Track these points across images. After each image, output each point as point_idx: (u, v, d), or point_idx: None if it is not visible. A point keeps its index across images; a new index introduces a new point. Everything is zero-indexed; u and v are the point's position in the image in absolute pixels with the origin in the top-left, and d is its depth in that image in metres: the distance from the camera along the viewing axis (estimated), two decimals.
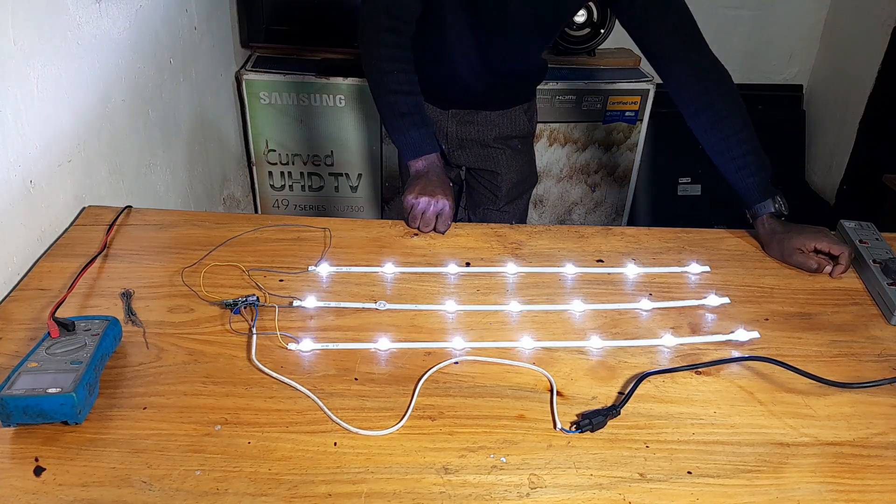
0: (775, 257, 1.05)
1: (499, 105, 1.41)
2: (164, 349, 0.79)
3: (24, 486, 0.61)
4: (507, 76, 1.35)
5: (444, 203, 1.07)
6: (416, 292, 0.92)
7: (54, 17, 1.00)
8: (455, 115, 1.42)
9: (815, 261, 1.00)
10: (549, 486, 0.64)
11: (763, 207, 1.07)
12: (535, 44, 1.30)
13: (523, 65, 1.36)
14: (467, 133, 1.44)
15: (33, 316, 0.83)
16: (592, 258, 1.02)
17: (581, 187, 2.38)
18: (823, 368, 0.80)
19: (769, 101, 2.70)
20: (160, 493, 0.61)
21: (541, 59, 1.40)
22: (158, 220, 1.06)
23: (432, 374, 0.77)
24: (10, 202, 0.89)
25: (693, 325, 0.88)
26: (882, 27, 2.34)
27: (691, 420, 0.73)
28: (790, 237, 1.03)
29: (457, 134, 1.44)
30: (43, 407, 0.65)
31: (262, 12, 2.06)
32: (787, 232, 1.04)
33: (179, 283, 0.90)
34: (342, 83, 2.05)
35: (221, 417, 0.70)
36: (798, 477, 0.66)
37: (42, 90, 0.96)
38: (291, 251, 0.99)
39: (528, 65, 1.38)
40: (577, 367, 0.80)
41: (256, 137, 2.14)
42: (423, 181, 1.11)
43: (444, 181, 1.12)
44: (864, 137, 2.47)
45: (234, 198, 2.07)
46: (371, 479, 0.64)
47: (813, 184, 2.74)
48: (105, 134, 1.16)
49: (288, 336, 0.81)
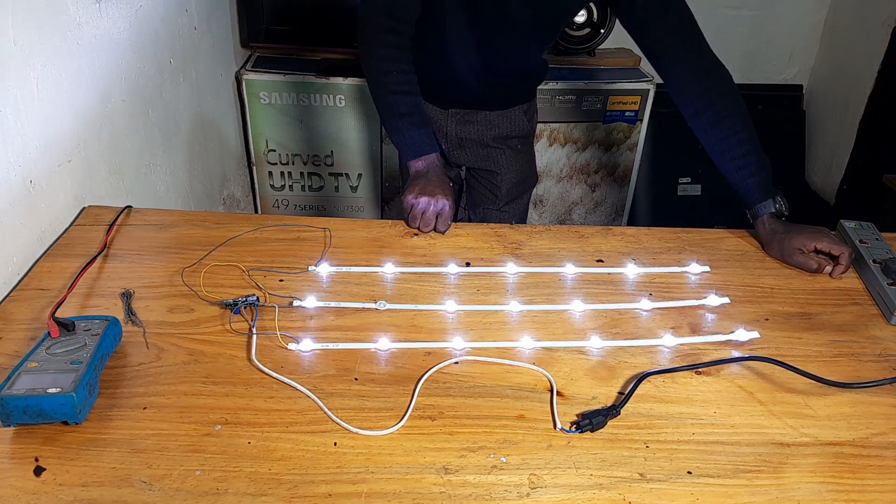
0: (775, 257, 1.05)
1: (499, 105, 1.41)
2: (164, 349, 0.79)
3: (24, 486, 0.61)
4: (507, 76, 1.35)
5: (443, 203, 1.07)
6: (416, 292, 0.92)
7: (54, 17, 1.00)
8: (455, 115, 1.42)
9: (816, 261, 1.00)
10: (549, 486, 0.64)
11: (763, 207, 1.07)
12: (536, 44, 1.30)
13: (523, 65, 1.36)
14: (467, 133, 1.44)
15: (33, 316, 0.83)
16: (592, 258, 1.02)
17: (581, 187, 2.38)
18: (823, 368, 0.80)
19: (769, 101, 2.70)
20: (160, 493, 0.61)
21: (541, 59, 1.40)
22: (158, 220, 1.06)
23: (432, 374, 0.77)
24: (10, 202, 0.89)
25: (693, 325, 0.88)
26: (882, 27, 2.34)
27: (691, 420, 0.73)
28: (790, 237, 1.03)
29: (456, 133, 1.44)
30: (43, 407, 0.64)
31: (262, 12, 2.06)
32: (788, 232, 1.04)
33: (179, 283, 0.90)
34: (342, 83, 2.05)
35: (221, 417, 0.70)
36: (798, 477, 0.66)
37: (42, 90, 0.96)
38: (291, 251, 0.99)
39: (529, 65, 1.38)
40: (577, 367, 0.80)
41: (256, 137, 2.14)
42: (423, 181, 1.11)
43: (443, 181, 1.12)
44: (864, 137, 2.47)
45: (234, 198, 2.07)
46: (371, 479, 0.64)
47: (813, 184, 2.75)
48: (105, 134, 1.16)
49: (288, 336, 0.81)
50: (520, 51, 1.29)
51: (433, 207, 1.07)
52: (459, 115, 1.42)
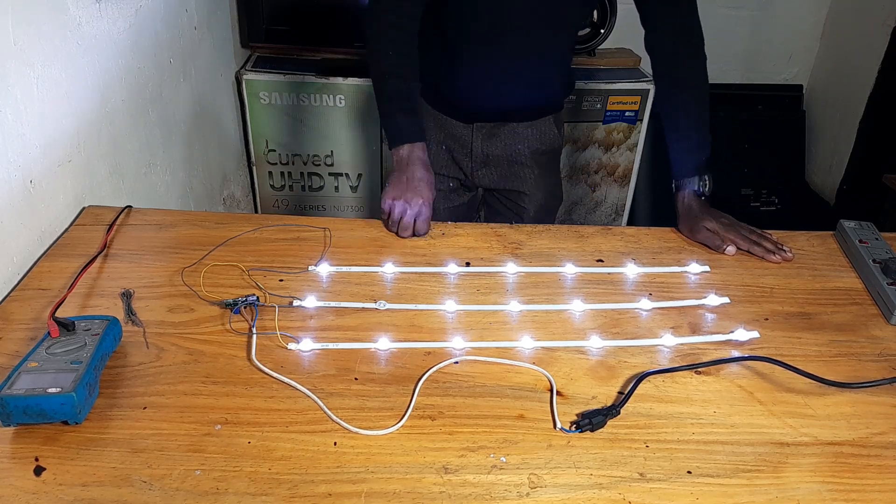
0: (684, 233, 1.10)
1: (527, 114, 1.36)
2: (164, 349, 0.79)
3: (24, 486, 0.62)
4: (533, 74, 1.29)
5: (419, 206, 1.05)
6: (416, 292, 0.92)
7: (54, 17, 1.00)
8: (481, 129, 1.36)
9: (721, 237, 1.05)
10: (548, 485, 0.64)
11: (689, 183, 1.13)
12: (561, 34, 1.26)
13: (549, 60, 1.30)
14: (494, 148, 1.37)
15: (33, 316, 0.83)
16: (592, 258, 1.02)
17: (581, 187, 2.38)
18: (823, 368, 0.80)
19: (769, 101, 2.70)
20: (160, 493, 0.61)
21: (568, 60, 1.36)
22: (158, 220, 1.06)
23: (432, 374, 0.77)
24: (10, 202, 0.89)
25: (693, 325, 0.88)
26: (882, 27, 2.34)
27: (691, 420, 0.73)
28: (702, 217, 1.08)
29: (482, 150, 1.37)
30: (43, 407, 0.65)
31: (262, 12, 2.06)
32: (701, 212, 1.09)
33: (179, 282, 0.90)
34: (342, 83, 2.05)
35: (221, 417, 0.70)
36: (798, 476, 0.66)
37: (42, 90, 0.96)
38: (291, 251, 0.99)
39: (554, 60, 1.31)
40: (577, 367, 0.80)
41: (256, 137, 2.14)
42: (402, 179, 1.08)
43: (423, 178, 1.09)
44: (864, 137, 2.47)
45: (234, 198, 2.07)
46: (371, 479, 0.64)
47: (813, 184, 2.75)
48: (105, 134, 1.16)
49: (288, 336, 0.81)
50: (546, 41, 1.24)
51: (409, 211, 1.04)
52: (486, 128, 1.36)
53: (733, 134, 2.62)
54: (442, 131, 1.38)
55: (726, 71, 2.62)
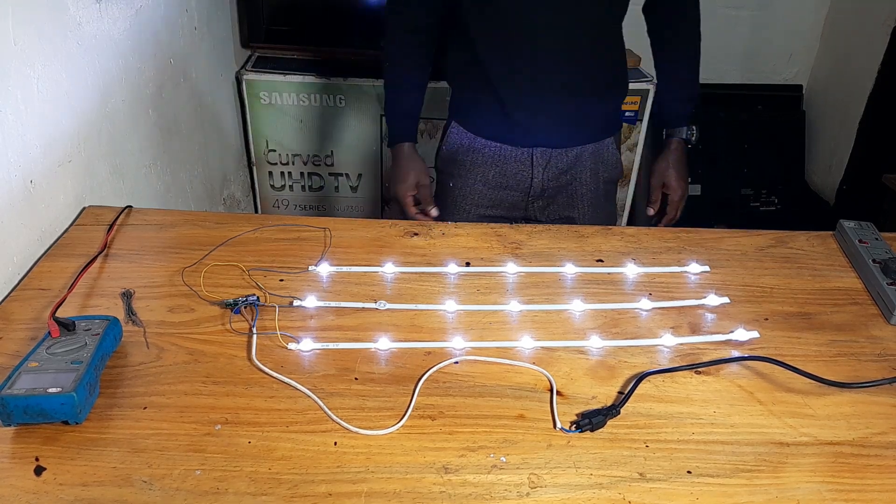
0: (654, 169, 1.26)
1: (587, 129, 1.27)
2: (165, 349, 0.79)
3: (24, 486, 0.62)
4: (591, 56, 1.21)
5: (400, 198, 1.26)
6: (416, 292, 0.92)
7: (54, 17, 1.00)
8: (542, 158, 1.25)
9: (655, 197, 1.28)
10: (548, 485, 0.64)
11: (678, 132, 1.27)
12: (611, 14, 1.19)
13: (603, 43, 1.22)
14: (555, 178, 1.27)
15: (33, 316, 0.83)
16: (592, 258, 1.02)
17: None
18: (823, 368, 0.80)
19: (769, 101, 2.69)
20: (160, 493, 0.62)
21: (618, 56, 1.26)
22: (158, 220, 1.06)
23: (432, 374, 0.77)
24: (11, 202, 0.89)
25: (693, 325, 0.88)
26: (882, 27, 2.34)
27: (691, 420, 0.73)
28: (667, 164, 1.25)
29: (542, 183, 1.27)
30: (43, 407, 0.65)
31: (262, 12, 2.06)
32: (672, 160, 1.25)
33: (179, 282, 0.90)
34: (342, 83, 2.05)
35: (221, 417, 0.70)
36: (798, 476, 0.67)
37: (42, 90, 0.96)
38: (291, 251, 0.99)
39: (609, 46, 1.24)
40: (577, 367, 0.80)
41: (256, 137, 2.14)
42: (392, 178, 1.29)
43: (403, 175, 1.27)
44: (864, 137, 2.47)
45: (235, 198, 2.07)
46: (371, 479, 0.64)
47: (813, 184, 2.75)
48: (105, 134, 1.16)
49: (288, 336, 0.82)
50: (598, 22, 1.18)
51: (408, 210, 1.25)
52: (548, 155, 1.25)
53: (733, 134, 2.62)
54: (494, 168, 1.28)
55: (726, 71, 2.62)
